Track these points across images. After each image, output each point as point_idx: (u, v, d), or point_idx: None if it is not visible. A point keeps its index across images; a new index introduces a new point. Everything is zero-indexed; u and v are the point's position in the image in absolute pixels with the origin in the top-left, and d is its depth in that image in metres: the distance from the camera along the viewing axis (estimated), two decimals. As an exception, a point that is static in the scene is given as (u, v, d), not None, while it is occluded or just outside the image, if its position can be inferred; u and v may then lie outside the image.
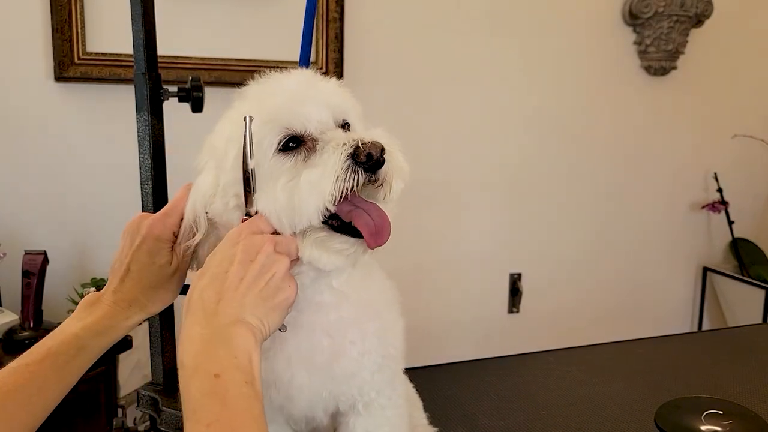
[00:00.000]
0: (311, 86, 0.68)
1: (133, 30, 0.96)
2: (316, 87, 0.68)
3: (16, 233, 1.86)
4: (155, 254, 0.72)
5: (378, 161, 0.62)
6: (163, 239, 0.72)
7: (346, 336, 0.69)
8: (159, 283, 0.73)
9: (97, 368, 1.58)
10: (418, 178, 2.70)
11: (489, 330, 2.50)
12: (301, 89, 0.67)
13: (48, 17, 1.84)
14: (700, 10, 2.43)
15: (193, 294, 0.60)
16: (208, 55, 2.01)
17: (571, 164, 2.54)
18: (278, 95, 0.66)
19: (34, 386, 0.67)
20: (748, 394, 1.08)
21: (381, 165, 0.62)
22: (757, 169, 2.79)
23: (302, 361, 0.68)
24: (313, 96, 0.66)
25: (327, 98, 0.67)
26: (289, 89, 0.67)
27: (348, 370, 0.70)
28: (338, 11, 2.10)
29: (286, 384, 0.69)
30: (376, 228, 0.63)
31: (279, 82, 0.68)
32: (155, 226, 0.72)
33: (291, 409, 0.71)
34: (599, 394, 1.09)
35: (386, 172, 0.63)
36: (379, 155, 0.62)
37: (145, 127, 0.96)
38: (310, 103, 0.65)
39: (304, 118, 0.64)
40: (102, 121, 1.95)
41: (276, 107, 0.65)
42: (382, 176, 0.63)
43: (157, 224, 0.72)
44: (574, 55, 2.46)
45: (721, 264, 2.80)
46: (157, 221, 0.72)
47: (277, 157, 0.64)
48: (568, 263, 2.59)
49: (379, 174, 0.63)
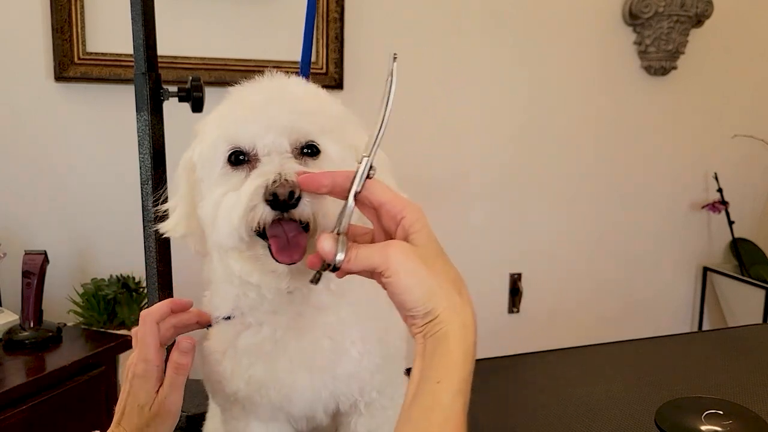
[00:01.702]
0: (275, 101, 0.64)
1: (133, 30, 0.96)
2: (281, 103, 0.64)
3: (16, 233, 1.86)
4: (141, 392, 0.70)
5: (285, 203, 0.57)
6: (148, 376, 0.70)
7: (347, 337, 0.69)
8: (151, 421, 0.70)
9: (97, 368, 1.58)
10: (419, 177, 2.69)
11: (489, 330, 2.50)
12: (262, 105, 0.64)
13: (48, 17, 1.84)
14: (700, 10, 2.43)
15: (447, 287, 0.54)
16: (208, 55, 2.01)
17: (571, 164, 2.54)
18: (238, 108, 0.65)
19: None
20: (748, 394, 1.08)
21: (293, 206, 0.58)
22: (757, 169, 2.79)
23: (304, 362, 0.68)
24: (271, 114, 0.63)
25: (287, 118, 0.62)
26: (250, 103, 0.65)
27: (348, 371, 0.70)
28: (338, 11, 2.10)
29: (287, 385, 0.69)
30: (288, 242, 0.60)
31: (247, 92, 0.66)
32: (137, 366, 0.70)
33: (290, 408, 0.71)
34: (599, 394, 1.09)
35: (306, 213, 0.58)
36: (286, 197, 0.57)
37: (145, 127, 0.96)
38: (263, 121, 0.62)
39: (254, 136, 0.62)
40: (102, 121, 1.95)
41: (231, 120, 0.64)
42: (298, 215, 0.58)
43: (139, 364, 0.70)
44: (574, 55, 2.46)
45: (721, 264, 2.80)
46: (138, 361, 0.70)
47: (227, 168, 0.63)
48: (568, 263, 2.59)
49: (294, 213, 0.58)
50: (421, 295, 0.52)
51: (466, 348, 0.52)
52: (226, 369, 0.70)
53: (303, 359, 0.68)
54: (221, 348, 0.71)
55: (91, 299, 1.75)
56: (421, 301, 0.52)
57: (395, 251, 0.53)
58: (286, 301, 0.67)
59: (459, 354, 0.52)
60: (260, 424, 0.75)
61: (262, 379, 0.69)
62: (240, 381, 0.69)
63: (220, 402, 0.76)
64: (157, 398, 0.70)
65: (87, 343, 1.62)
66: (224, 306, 0.71)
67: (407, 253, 0.53)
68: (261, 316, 0.68)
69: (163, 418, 0.70)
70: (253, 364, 0.69)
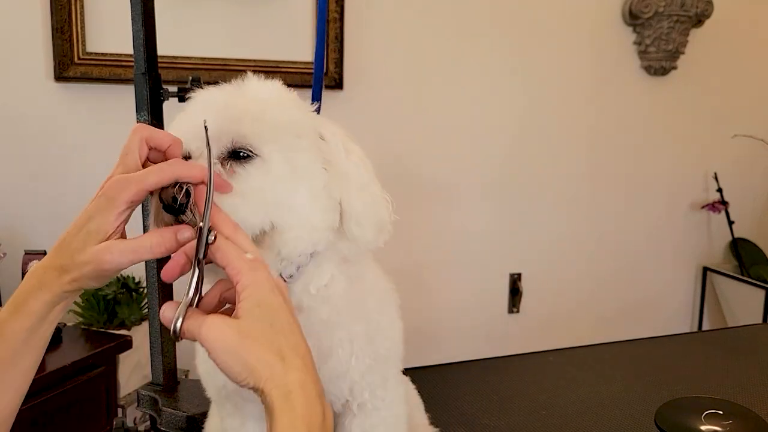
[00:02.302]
0: (208, 108, 0.65)
1: (133, 30, 0.96)
2: (213, 109, 0.65)
3: (16, 233, 1.86)
4: (96, 215, 0.60)
5: (171, 207, 0.59)
6: (116, 200, 0.59)
7: (333, 338, 0.70)
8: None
9: (97, 368, 1.58)
10: (418, 178, 2.69)
11: (489, 330, 2.50)
12: (194, 112, 0.66)
13: (48, 17, 1.84)
14: (700, 10, 2.43)
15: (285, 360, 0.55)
16: (208, 55, 2.01)
17: (571, 164, 2.54)
18: (187, 112, 0.67)
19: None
20: (748, 394, 1.08)
21: (181, 211, 0.59)
22: (757, 169, 2.79)
23: None
24: (199, 121, 0.63)
25: (214, 124, 0.62)
26: (194, 107, 0.67)
27: (336, 371, 0.70)
28: (338, 11, 2.10)
29: None
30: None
31: (200, 97, 0.68)
32: (113, 183, 0.59)
33: None
34: (599, 394, 1.09)
35: (194, 220, 0.59)
36: (170, 201, 0.58)
37: (145, 127, 0.96)
38: (192, 127, 0.64)
39: (187, 141, 0.64)
40: (102, 121, 1.95)
41: (179, 122, 0.67)
42: (190, 220, 0.59)
43: (115, 185, 0.59)
44: (574, 55, 2.46)
45: (721, 264, 2.80)
46: (117, 181, 0.59)
47: None
48: (568, 263, 2.59)
49: (183, 218, 0.59)
50: (240, 371, 0.53)
51: (295, 417, 0.52)
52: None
53: None
54: None
55: (91, 299, 1.75)
56: (242, 376, 0.53)
57: (207, 330, 0.53)
58: None
59: (286, 425, 0.51)
60: (256, 423, 0.75)
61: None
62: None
63: (213, 396, 0.76)
64: (108, 235, 0.59)
65: (87, 343, 1.62)
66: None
67: (221, 328, 0.53)
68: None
69: (94, 271, 0.59)
70: None
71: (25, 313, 0.60)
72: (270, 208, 0.63)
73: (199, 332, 0.54)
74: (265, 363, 0.53)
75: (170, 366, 1.05)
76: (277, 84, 0.70)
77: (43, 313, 0.60)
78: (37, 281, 0.60)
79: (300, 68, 2.09)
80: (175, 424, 0.98)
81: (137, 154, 0.62)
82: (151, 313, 1.03)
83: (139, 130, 0.64)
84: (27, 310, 0.60)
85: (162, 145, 0.64)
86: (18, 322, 0.60)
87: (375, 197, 0.69)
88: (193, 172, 0.59)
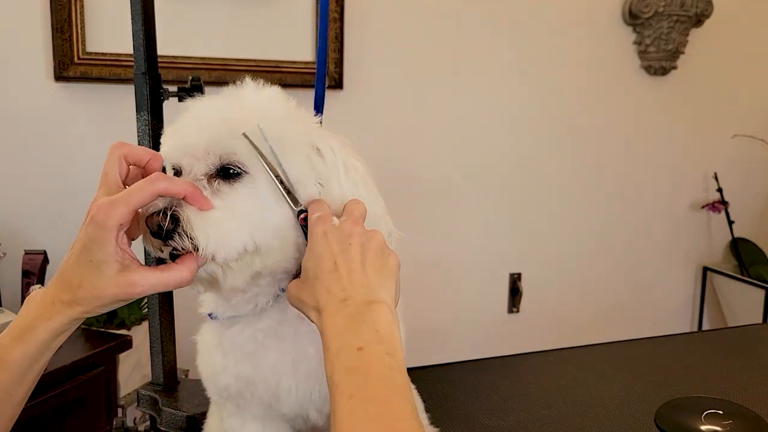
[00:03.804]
0: (200, 123, 0.64)
1: (133, 30, 0.96)
2: (203, 125, 0.63)
3: (16, 233, 1.86)
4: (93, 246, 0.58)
5: (159, 234, 0.59)
6: (107, 227, 0.57)
7: None
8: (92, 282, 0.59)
9: (97, 368, 1.58)
10: (418, 177, 2.69)
11: (489, 330, 2.50)
12: (186, 126, 0.65)
13: (48, 17, 1.84)
14: (700, 10, 2.43)
15: (320, 298, 0.59)
16: (208, 55, 2.01)
17: (571, 164, 2.54)
18: (177, 126, 0.66)
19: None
20: (748, 394, 1.08)
21: (169, 237, 0.59)
22: (757, 169, 2.79)
23: (287, 367, 0.69)
24: (189, 138, 0.63)
25: (205, 140, 0.62)
26: (185, 121, 0.66)
27: None
28: (338, 11, 2.10)
29: (273, 385, 0.70)
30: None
31: (192, 110, 0.66)
32: (100, 211, 0.57)
33: (280, 407, 0.72)
34: (599, 394, 1.09)
35: (184, 245, 0.58)
36: (155, 230, 0.58)
37: (145, 127, 0.96)
38: (182, 143, 0.64)
39: (177, 158, 0.64)
40: (102, 121, 1.95)
41: (170, 136, 0.66)
42: (179, 245, 0.59)
43: (101, 210, 0.57)
44: (574, 55, 2.46)
45: (721, 264, 2.80)
46: (102, 207, 0.57)
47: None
48: (568, 263, 2.59)
49: (172, 243, 0.59)
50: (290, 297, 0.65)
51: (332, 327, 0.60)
52: (216, 362, 0.72)
53: (285, 363, 0.69)
54: (213, 341, 0.73)
55: (91, 299, 1.75)
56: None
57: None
58: (255, 308, 0.69)
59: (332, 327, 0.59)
60: (257, 423, 0.75)
61: (250, 376, 0.70)
62: (230, 376, 0.71)
63: (214, 396, 0.77)
64: (122, 263, 0.58)
65: (87, 343, 1.62)
66: (207, 304, 0.73)
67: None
68: (240, 319, 0.70)
69: (113, 301, 0.59)
70: (240, 361, 0.70)
71: (30, 341, 0.60)
72: (254, 229, 0.61)
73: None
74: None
75: (170, 366, 1.05)
76: (274, 91, 0.68)
77: (48, 341, 0.60)
78: (44, 311, 0.60)
79: (300, 68, 2.09)
80: (175, 424, 0.98)
81: (117, 172, 0.62)
82: (151, 312, 1.03)
83: (116, 148, 0.63)
84: (32, 338, 0.60)
85: (141, 161, 0.64)
86: (21, 350, 0.60)
87: (372, 218, 0.66)
88: (176, 188, 0.59)
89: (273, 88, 0.68)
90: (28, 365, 0.60)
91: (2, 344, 0.60)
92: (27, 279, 1.59)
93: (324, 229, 0.62)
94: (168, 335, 1.04)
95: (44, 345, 0.60)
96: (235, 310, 0.69)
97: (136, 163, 0.64)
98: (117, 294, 0.58)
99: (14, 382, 0.60)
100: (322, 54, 0.84)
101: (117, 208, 0.57)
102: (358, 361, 0.54)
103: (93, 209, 0.58)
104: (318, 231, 0.62)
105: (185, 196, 0.59)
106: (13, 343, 0.60)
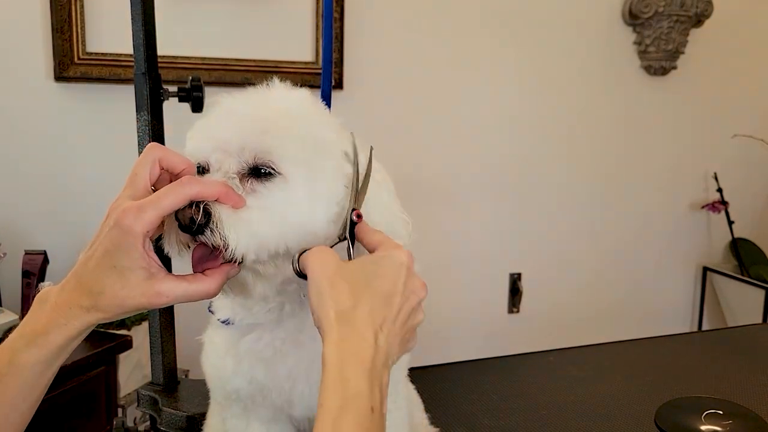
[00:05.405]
0: (232, 120, 0.63)
1: (133, 30, 0.96)
2: (238, 121, 0.62)
3: (16, 233, 1.86)
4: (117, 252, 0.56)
5: (190, 228, 0.57)
6: (134, 232, 0.55)
7: None
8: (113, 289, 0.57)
9: (97, 368, 1.58)
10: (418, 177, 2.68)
11: (489, 330, 2.50)
12: (218, 122, 0.64)
13: (48, 17, 1.84)
14: (700, 10, 2.43)
15: (359, 307, 0.55)
16: (208, 55, 2.01)
17: (571, 164, 2.54)
18: (203, 124, 0.65)
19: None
20: (748, 394, 1.08)
21: (199, 231, 0.57)
22: (757, 169, 2.79)
23: (303, 373, 0.69)
24: (222, 134, 0.62)
25: (238, 138, 0.61)
26: (217, 116, 0.64)
27: None
28: (338, 11, 2.10)
29: (287, 391, 0.69)
30: (193, 266, 0.61)
31: (224, 104, 0.65)
32: (126, 216, 0.55)
33: (292, 411, 0.72)
34: (599, 394, 1.09)
35: (215, 240, 0.57)
36: (187, 222, 0.57)
37: (145, 127, 0.97)
38: (213, 140, 0.62)
39: (206, 155, 0.63)
40: (102, 121, 1.95)
41: (193, 136, 0.65)
42: (206, 240, 0.57)
43: (129, 214, 0.55)
44: (574, 55, 2.46)
45: (721, 264, 2.80)
46: (129, 211, 0.55)
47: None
48: (568, 263, 2.59)
49: (201, 239, 0.58)
50: (312, 298, 0.59)
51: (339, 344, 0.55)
52: (227, 366, 0.71)
53: (302, 370, 0.69)
54: (224, 345, 0.71)
55: (91, 299, 1.75)
56: (312, 305, 0.59)
57: (312, 254, 0.60)
58: (278, 317, 0.68)
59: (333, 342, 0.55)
60: (261, 425, 0.75)
61: (264, 381, 0.69)
62: (242, 380, 0.70)
63: (220, 399, 0.76)
64: (149, 271, 0.56)
65: (87, 343, 1.62)
66: (222, 311, 0.71)
67: (326, 254, 0.60)
68: (258, 326, 0.69)
69: (137, 308, 0.58)
70: (254, 366, 0.69)
71: (43, 345, 0.58)
72: (287, 231, 0.60)
73: (306, 256, 0.58)
74: (335, 300, 0.54)
75: (170, 366, 1.05)
76: (304, 93, 0.67)
77: (63, 346, 0.58)
78: (59, 316, 0.57)
79: (300, 68, 2.09)
80: (175, 424, 0.98)
81: (147, 176, 0.60)
82: (151, 312, 1.03)
83: (152, 150, 0.61)
84: (45, 342, 0.58)
85: (174, 168, 0.61)
86: (35, 353, 0.58)
87: (395, 217, 0.67)
88: (210, 190, 0.57)
89: (302, 90, 0.67)
90: (40, 370, 0.59)
91: (15, 347, 0.58)
92: (27, 279, 1.59)
93: (408, 263, 0.60)
94: (168, 335, 1.04)
95: (59, 349, 0.58)
96: (255, 318, 0.68)
97: (170, 169, 0.61)
98: (142, 303, 0.56)
99: (27, 386, 0.59)
100: (327, 51, 0.83)
101: (146, 213, 0.54)
102: (371, 421, 0.53)
103: (118, 213, 0.55)
104: (401, 255, 0.60)
105: (218, 198, 0.58)
106: (27, 347, 0.58)
